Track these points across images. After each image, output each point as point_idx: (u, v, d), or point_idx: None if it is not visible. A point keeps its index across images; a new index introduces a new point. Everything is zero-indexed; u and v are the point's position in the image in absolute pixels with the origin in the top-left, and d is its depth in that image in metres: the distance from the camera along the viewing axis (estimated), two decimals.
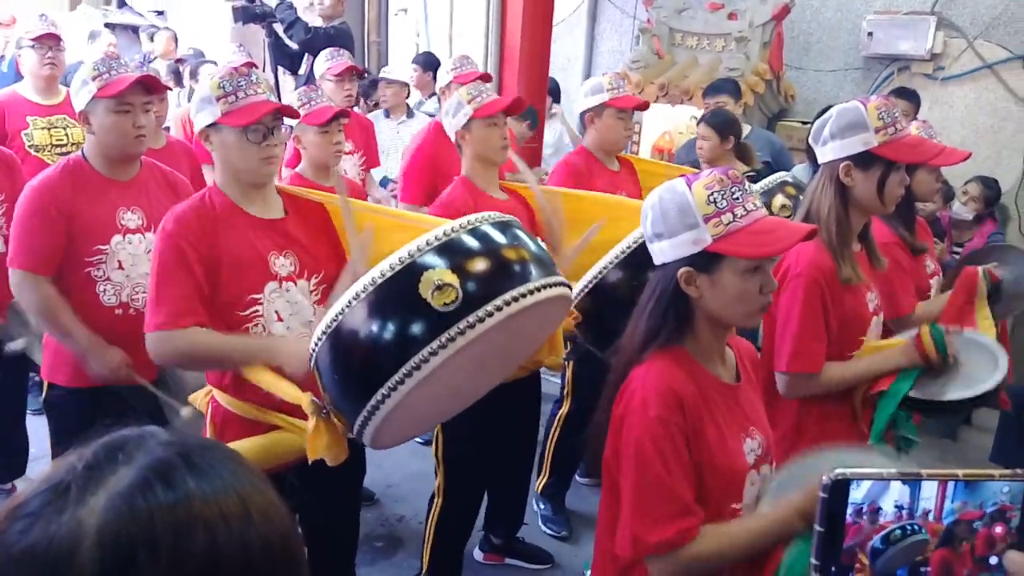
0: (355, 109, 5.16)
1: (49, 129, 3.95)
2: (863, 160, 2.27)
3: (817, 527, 1.03)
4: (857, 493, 1.02)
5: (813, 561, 1.04)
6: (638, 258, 2.44)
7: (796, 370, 2.28)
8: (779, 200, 3.11)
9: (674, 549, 1.54)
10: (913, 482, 1.02)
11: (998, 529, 1.03)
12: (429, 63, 6.01)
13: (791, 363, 2.28)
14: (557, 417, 3.83)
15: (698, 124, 4.32)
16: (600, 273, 2.50)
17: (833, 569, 1.04)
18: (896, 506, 1.02)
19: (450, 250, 1.73)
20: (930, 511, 1.02)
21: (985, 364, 2.37)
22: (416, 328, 1.68)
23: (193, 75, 5.94)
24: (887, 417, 2.28)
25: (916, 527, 1.02)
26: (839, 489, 1.03)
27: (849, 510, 1.02)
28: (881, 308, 2.45)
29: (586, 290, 2.53)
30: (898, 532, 1.03)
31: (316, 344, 1.82)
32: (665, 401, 1.58)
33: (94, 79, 2.61)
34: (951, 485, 1.02)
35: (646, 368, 1.65)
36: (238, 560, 0.67)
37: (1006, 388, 2.34)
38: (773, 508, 1.60)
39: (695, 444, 1.60)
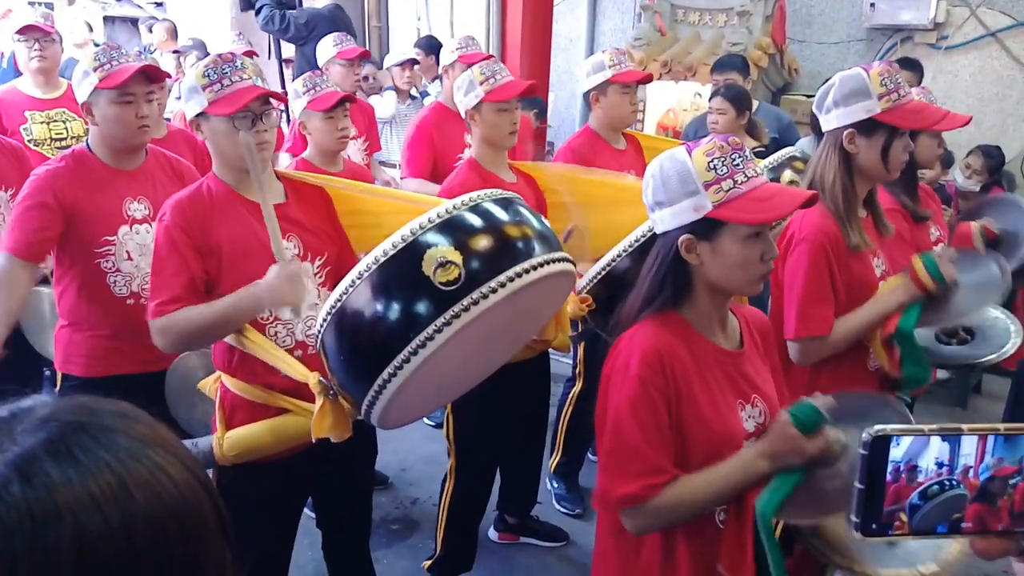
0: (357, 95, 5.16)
1: (48, 123, 3.93)
2: (866, 127, 2.26)
3: (857, 484, 1.01)
4: (897, 451, 0.99)
5: (853, 519, 1.03)
6: (651, 247, 2.44)
7: (804, 335, 2.28)
8: (788, 175, 3.10)
9: (637, 504, 1.59)
10: (953, 438, 0.99)
11: None
12: (431, 47, 6.00)
13: (798, 329, 2.28)
14: (570, 396, 3.84)
15: (712, 98, 4.28)
16: (613, 260, 2.48)
17: (874, 526, 1.03)
18: (936, 463, 1.01)
19: (452, 227, 1.73)
20: (970, 467, 1.00)
21: (985, 277, 2.37)
22: (420, 306, 1.68)
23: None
24: (916, 353, 2.29)
25: (954, 482, 1.01)
26: (879, 446, 1.00)
27: (888, 468, 1.01)
28: (889, 273, 2.45)
29: (598, 277, 2.52)
30: (935, 487, 1.01)
31: (321, 326, 1.82)
32: (646, 361, 1.60)
33: (95, 70, 2.60)
34: (991, 440, 0.99)
35: (634, 330, 1.67)
36: (119, 538, 0.63)
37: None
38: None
39: (679, 407, 1.62)
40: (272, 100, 2.24)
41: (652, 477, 1.58)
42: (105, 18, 9.09)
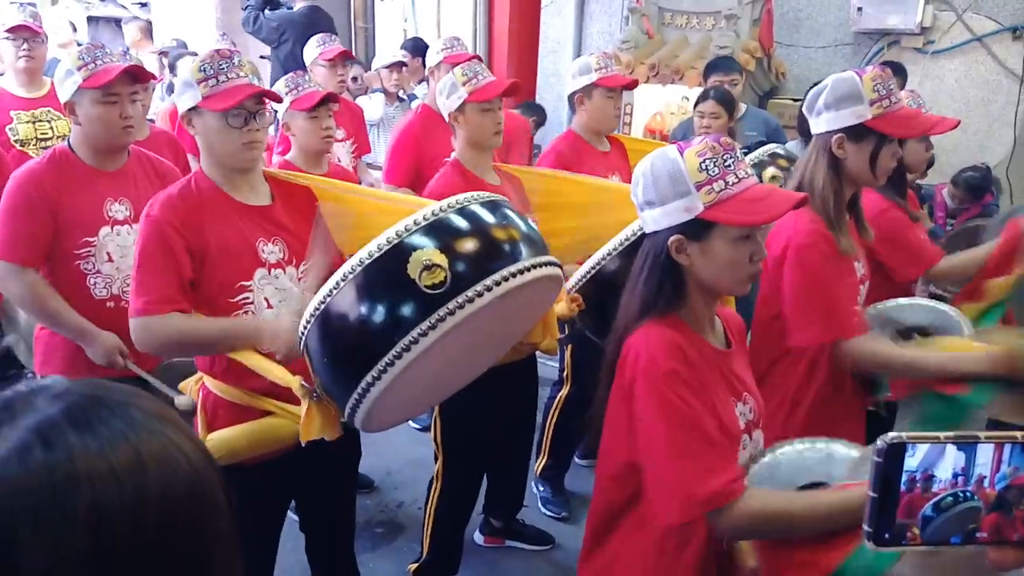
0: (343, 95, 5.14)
1: (34, 123, 3.88)
2: (856, 133, 2.24)
3: (870, 492, 0.99)
4: (912, 460, 0.97)
5: (865, 528, 1.01)
6: (639, 247, 2.42)
7: (846, 335, 2.18)
8: (770, 172, 3.10)
9: (730, 500, 1.49)
10: (969, 446, 0.97)
11: None
12: (418, 48, 5.97)
13: (837, 330, 2.18)
14: (556, 400, 3.83)
15: (702, 101, 4.24)
16: (600, 262, 2.46)
17: (887, 536, 1.01)
18: (953, 474, 0.99)
19: (438, 230, 1.71)
20: (985, 477, 0.98)
21: None
22: (405, 309, 1.66)
23: (172, 68, 5.89)
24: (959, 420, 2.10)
25: (968, 494, 0.99)
26: (894, 453, 0.98)
27: (903, 478, 0.98)
28: (867, 278, 2.44)
29: (586, 278, 2.50)
30: (949, 499, 0.99)
31: (305, 327, 1.80)
32: (673, 354, 1.57)
33: (79, 69, 2.57)
34: (1007, 448, 0.97)
35: (644, 333, 1.63)
36: (132, 510, 0.65)
37: None
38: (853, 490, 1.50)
39: (702, 400, 1.58)
40: (266, 99, 2.22)
41: (729, 467, 1.51)
42: (89, 18, 9.03)
